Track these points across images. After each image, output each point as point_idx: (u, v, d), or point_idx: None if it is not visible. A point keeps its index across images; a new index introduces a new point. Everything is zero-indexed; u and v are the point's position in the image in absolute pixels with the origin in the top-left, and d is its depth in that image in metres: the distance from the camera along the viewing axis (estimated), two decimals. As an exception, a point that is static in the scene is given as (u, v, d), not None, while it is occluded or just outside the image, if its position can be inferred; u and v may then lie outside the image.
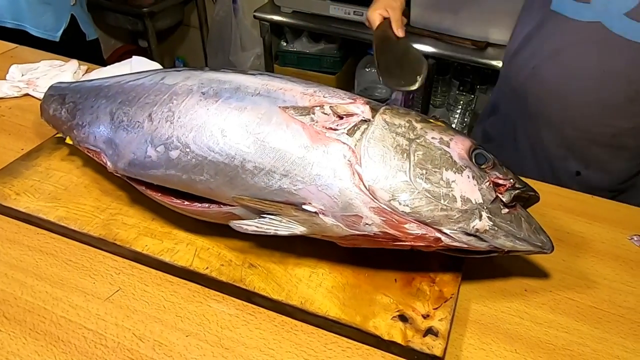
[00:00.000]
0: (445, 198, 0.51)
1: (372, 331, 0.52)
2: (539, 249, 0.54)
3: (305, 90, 0.58)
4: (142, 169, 0.60)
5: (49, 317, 0.56)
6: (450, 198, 0.51)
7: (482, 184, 0.53)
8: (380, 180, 0.51)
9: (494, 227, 0.52)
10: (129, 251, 0.62)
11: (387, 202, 0.51)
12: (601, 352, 0.53)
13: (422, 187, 0.51)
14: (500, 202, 0.53)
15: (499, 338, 0.55)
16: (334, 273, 0.58)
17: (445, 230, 0.51)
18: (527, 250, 0.54)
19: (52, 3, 1.27)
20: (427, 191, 0.51)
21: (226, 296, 0.58)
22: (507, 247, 0.53)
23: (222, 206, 0.58)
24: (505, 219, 0.53)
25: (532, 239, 0.54)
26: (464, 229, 0.51)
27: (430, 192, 0.51)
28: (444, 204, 0.51)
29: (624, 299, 0.59)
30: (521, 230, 0.54)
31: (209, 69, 0.64)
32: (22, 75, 0.97)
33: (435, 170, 0.52)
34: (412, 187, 0.51)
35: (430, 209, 0.50)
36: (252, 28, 2.07)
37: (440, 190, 0.51)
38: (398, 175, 0.51)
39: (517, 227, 0.53)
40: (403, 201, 0.50)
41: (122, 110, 0.63)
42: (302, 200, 0.53)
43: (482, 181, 0.53)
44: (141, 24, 2.04)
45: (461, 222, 0.51)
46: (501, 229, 0.52)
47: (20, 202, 0.67)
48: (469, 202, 0.51)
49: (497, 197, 0.53)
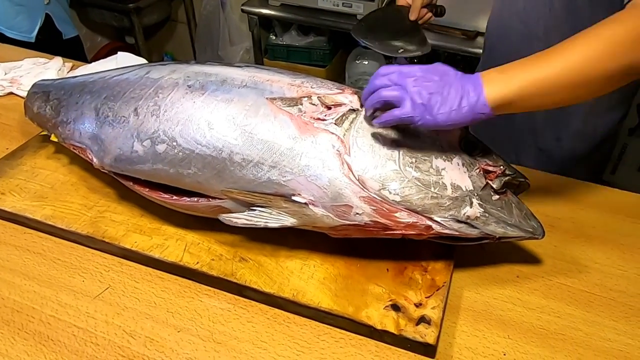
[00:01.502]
0: (436, 186, 0.51)
1: (364, 321, 0.52)
2: (530, 235, 0.54)
3: (292, 82, 0.58)
4: (129, 164, 0.59)
5: (37, 317, 0.55)
6: (441, 186, 0.51)
7: (472, 171, 0.53)
8: (369, 169, 0.51)
9: (485, 213, 0.52)
10: (118, 248, 0.61)
11: (377, 192, 0.50)
12: (593, 336, 0.54)
13: (412, 176, 0.51)
14: (490, 188, 0.53)
15: (491, 324, 0.55)
16: (326, 264, 0.58)
17: (436, 218, 0.51)
18: (518, 236, 0.54)
19: (24, 4, 1.26)
20: (417, 179, 0.51)
21: (217, 291, 0.58)
22: (498, 234, 0.53)
23: (211, 199, 0.57)
24: (496, 206, 0.53)
25: (523, 225, 0.54)
26: (454, 216, 0.51)
27: (420, 181, 0.51)
28: (434, 191, 0.50)
29: (615, 282, 0.59)
30: (512, 216, 0.53)
31: (195, 62, 0.63)
32: (5, 74, 0.95)
33: (424, 158, 0.52)
34: (402, 175, 0.51)
35: (420, 197, 0.50)
36: (240, 22, 2.05)
37: (430, 178, 0.51)
38: (388, 165, 0.51)
39: (508, 213, 0.53)
40: (393, 190, 0.50)
41: (107, 106, 0.62)
42: (292, 191, 0.52)
43: (472, 168, 0.53)
44: (127, 20, 2.01)
45: (452, 210, 0.51)
46: (492, 216, 0.52)
47: (6, 202, 0.66)
48: (459, 189, 0.51)
49: (488, 184, 0.53)
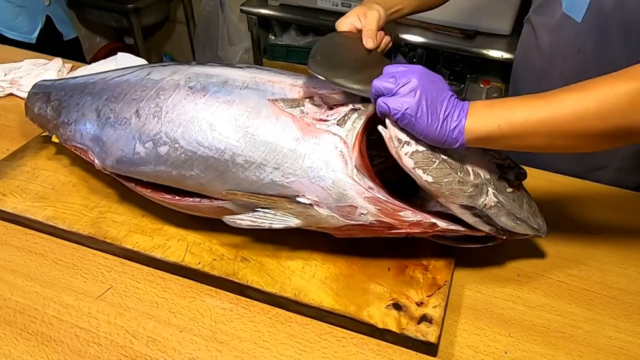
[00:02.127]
0: (461, 170, 0.50)
1: (366, 320, 0.52)
2: (535, 232, 0.54)
3: (294, 82, 0.58)
4: (131, 166, 0.59)
5: (40, 317, 0.55)
6: (465, 171, 0.50)
7: (487, 161, 0.53)
8: (404, 146, 0.49)
9: (498, 204, 0.51)
10: (119, 249, 0.61)
11: (411, 169, 0.49)
12: (593, 334, 0.54)
13: (442, 158, 0.49)
14: (505, 180, 0.53)
15: (492, 323, 0.55)
16: (327, 264, 0.58)
17: (455, 206, 0.50)
18: (524, 232, 0.54)
19: (25, 5, 1.26)
20: (446, 162, 0.49)
21: (219, 290, 0.58)
22: (507, 227, 0.52)
23: (213, 200, 0.57)
24: (508, 198, 0.53)
25: (530, 221, 0.54)
26: (473, 204, 0.50)
27: (449, 163, 0.49)
28: (460, 176, 0.50)
29: (615, 280, 0.60)
30: (522, 210, 0.53)
31: (196, 63, 0.63)
32: (5, 75, 0.95)
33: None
34: (434, 156, 0.49)
35: (449, 180, 0.49)
36: (239, 22, 2.05)
37: (456, 162, 0.50)
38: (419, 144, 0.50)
39: (519, 207, 0.53)
40: (427, 169, 0.49)
41: (109, 107, 0.62)
42: (295, 192, 0.53)
43: (486, 158, 0.53)
44: (126, 20, 2.01)
45: (472, 197, 0.50)
46: (504, 207, 0.52)
47: (7, 203, 0.66)
48: (479, 176, 0.51)
49: (502, 175, 0.53)
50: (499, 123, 0.46)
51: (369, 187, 0.51)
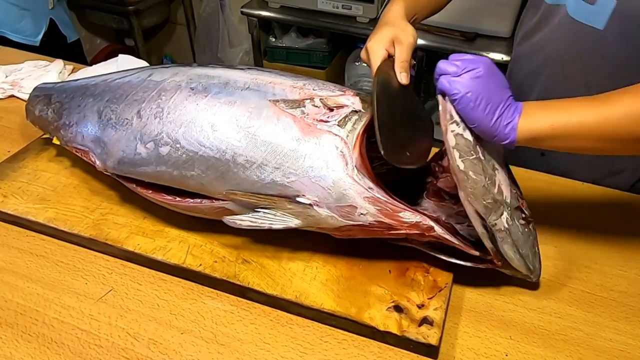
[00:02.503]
0: (490, 178, 0.50)
1: (367, 322, 0.52)
2: (528, 272, 0.54)
3: (294, 84, 0.58)
4: (132, 167, 0.60)
5: (41, 319, 0.55)
6: (492, 182, 0.50)
7: (512, 188, 0.53)
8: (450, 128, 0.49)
9: (508, 230, 0.51)
10: (120, 250, 0.61)
11: (451, 147, 0.49)
12: (594, 336, 0.54)
13: (479, 156, 0.50)
14: (521, 211, 0.53)
15: (493, 325, 0.55)
16: (328, 266, 0.58)
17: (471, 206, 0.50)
18: (518, 268, 0.53)
19: (30, 8, 1.26)
20: (481, 161, 0.50)
21: (220, 292, 0.58)
22: (507, 255, 0.52)
23: (214, 201, 0.57)
24: (518, 229, 0.52)
25: (529, 260, 0.53)
26: (485, 216, 0.50)
27: (483, 165, 0.50)
28: (487, 182, 0.50)
29: (615, 282, 0.60)
30: (526, 246, 0.53)
31: (197, 64, 0.63)
32: (6, 77, 0.95)
33: (489, 152, 0.51)
34: (475, 150, 0.50)
35: (476, 179, 0.49)
36: (239, 24, 2.05)
37: (489, 170, 0.50)
38: (466, 133, 0.50)
39: (524, 242, 0.53)
40: (463, 155, 0.49)
41: (110, 108, 0.62)
42: (296, 192, 0.53)
43: (513, 187, 0.53)
44: (127, 22, 2.01)
45: (488, 210, 0.50)
46: (511, 236, 0.52)
47: (8, 205, 0.66)
48: (501, 194, 0.51)
49: (519, 207, 0.53)
50: (552, 123, 0.47)
51: (368, 187, 0.51)
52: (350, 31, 1.69)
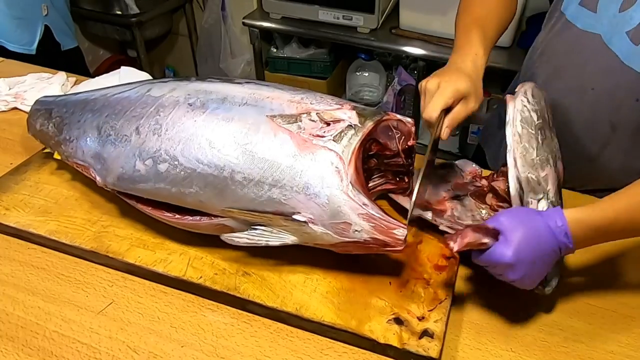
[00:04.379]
0: (541, 161, 0.55)
1: (367, 335, 0.52)
2: (541, 284, 0.53)
3: (292, 98, 0.58)
4: (131, 183, 0.60)
5: (41, 332, 0.55)
6: (541, 166, 0.55)
7: (557, 191, 0.56)
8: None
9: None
10: (121, 263, 0.61)
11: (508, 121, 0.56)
12: (595, 348, 0.54)
13: (540, 143, 0.55)
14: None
15: (494, 337, 0.55)
16: (329, 278, 0.58)
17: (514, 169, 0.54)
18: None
19: (22, 16, 1.26)
20: (536, 140, 0.55)
21: (221, 305, 0.58)
22: None
23: (213, 218, 0.57)
24: None
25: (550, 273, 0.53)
26: (525, 189, 0.54)
27: (538, 144, 0.55)
28: (536, 159, 0.54)
29: (616, 294, 0.59)
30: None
31: (195, 79, 0.64)
32: (10, 89, 0.96)
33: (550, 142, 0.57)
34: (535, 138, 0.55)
35: (529, 150, 0.54)
36: (241, 35, 2.07)
37: (542, 153, 0.55)
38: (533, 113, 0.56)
39: None
40: (517, 133, 0.55)
41: (109, 124, 0.62)
42: (292, 209, 0.53)
43: (558, 192, 0.57)
44: (129, 33, 2.03)
45: (528, 185, 0.54)
46: None
47: (10, 217, 0.67)
48: (546, 182, 0.54)
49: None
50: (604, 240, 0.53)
51: (363, 203, 0.51)
52: (351, 41, 1.70)
